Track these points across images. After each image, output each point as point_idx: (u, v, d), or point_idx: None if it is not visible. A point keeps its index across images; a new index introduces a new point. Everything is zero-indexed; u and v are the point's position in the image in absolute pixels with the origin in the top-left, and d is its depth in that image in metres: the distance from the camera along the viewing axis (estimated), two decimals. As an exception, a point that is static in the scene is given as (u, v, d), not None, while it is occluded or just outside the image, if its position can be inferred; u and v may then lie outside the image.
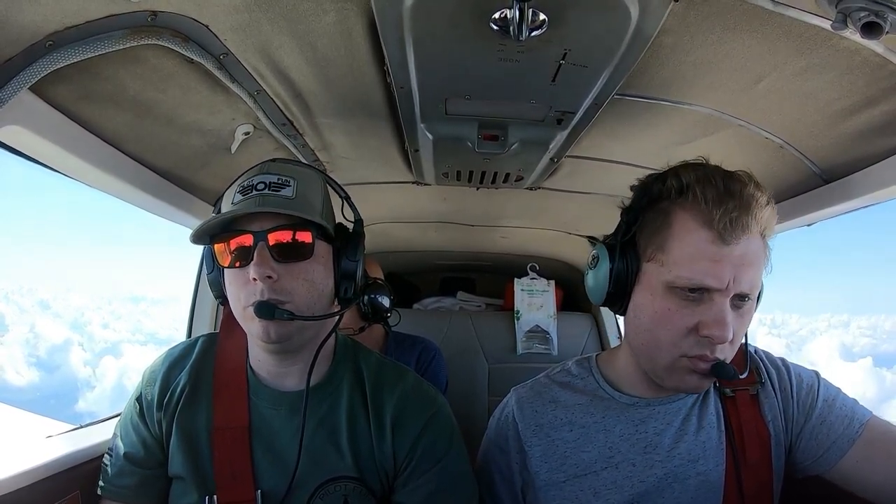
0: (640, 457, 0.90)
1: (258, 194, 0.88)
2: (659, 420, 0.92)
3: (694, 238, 0.80)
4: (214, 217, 0.89)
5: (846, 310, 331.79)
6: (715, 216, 0.78)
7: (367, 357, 1.03)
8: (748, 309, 0.82)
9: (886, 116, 0.97)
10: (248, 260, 0.86)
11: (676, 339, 0.82)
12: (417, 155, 1.42)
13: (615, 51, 0.87)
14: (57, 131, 0.95)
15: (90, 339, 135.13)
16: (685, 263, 0.80)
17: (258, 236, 0.87)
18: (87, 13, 0.78)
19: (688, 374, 0.83)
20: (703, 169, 0.84)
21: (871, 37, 0.65)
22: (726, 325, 0.78)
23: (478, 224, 2.34)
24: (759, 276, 0.81)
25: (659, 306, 0.83)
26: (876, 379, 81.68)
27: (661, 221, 0.84)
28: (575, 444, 0.92)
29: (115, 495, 0.96)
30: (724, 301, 0.79)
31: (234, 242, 0.88)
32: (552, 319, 2.58)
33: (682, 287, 0.80)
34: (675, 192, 0.83)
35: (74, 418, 21.26)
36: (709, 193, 0.79)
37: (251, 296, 0.87)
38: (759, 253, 0.81)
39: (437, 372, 1.91)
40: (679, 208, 0.82)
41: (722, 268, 0.78)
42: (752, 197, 0.79)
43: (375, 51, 0.96)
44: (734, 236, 0.78)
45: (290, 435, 0.94)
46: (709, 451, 0.91)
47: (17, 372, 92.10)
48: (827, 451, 0.89)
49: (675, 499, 0.89)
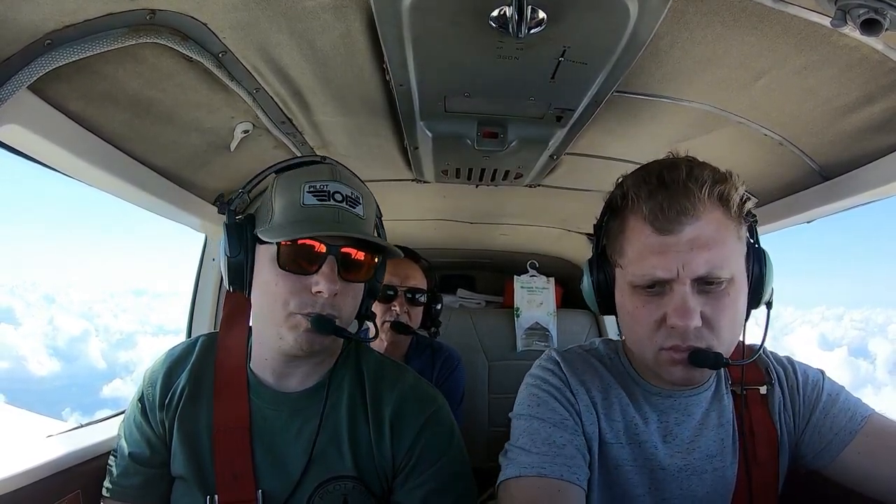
0: (661, 442, 0.91)
1: (337, 207, 0.90)
2: (680, 412, 0.93)
3: (639, 236, 0.83)
4: (295, 214, 0.88)
5: (841, 303, 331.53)
6: (650, 209, 0.81)
7: (368, 357, 1.04)
8: (724, 292, 0.81)
9: (886, 113, 0.97)
10: (314, 269, 0.87)
11: (650, 334, 0.84)
12: (417, 153, 1.42)
13: (614, 48, 0.87)
14: (56, 130, 0.95)
15: (105, 330, 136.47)
16: (636, 261, 0.83)
17: (331, 249, 0.88)
18: (85, 12, 0.78)
19: (671, 365, 0.84)
20: (644, 169, 0.86)
21: (870, 34, 0.65)
22: (688, 312, 0.78)
23: (477, 221, 2.34)
24: (724, 256, 0.80)
25: (630, 306, 0.86)
26: (851, 368, 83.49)
27: (616, 229, 0.88)
28: (606, 412, 0.93)
29: (121, 495, 0.96)
30: (682, 289, 0.79)
31: (305, 247, 0.88)
32: (552, 316, 2.59)
33: (640, 284, 0.83)
34: (621, 198, 0.87)
35: (99, 405, 21.05)
36: (642, 192, 0.82)
37: (306, 305, 0.87)
38: (718, 232, 0.80)
39: (457, 381, 1.88)
40: (629, 212, 0.85)
41: (667, 258, 0.79)
42: (690, 179, 0.80)
43: (374, 49, 0.96)
44: (673, 225, 0.79)
45: (292, 435, 0.94)
46: (725, 448, 0.92)
47: (39, 363, 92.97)
48: (829, 444, 0.90)
49: (691, 491, 0.90)
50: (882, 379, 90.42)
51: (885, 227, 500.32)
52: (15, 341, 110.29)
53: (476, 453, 1.04)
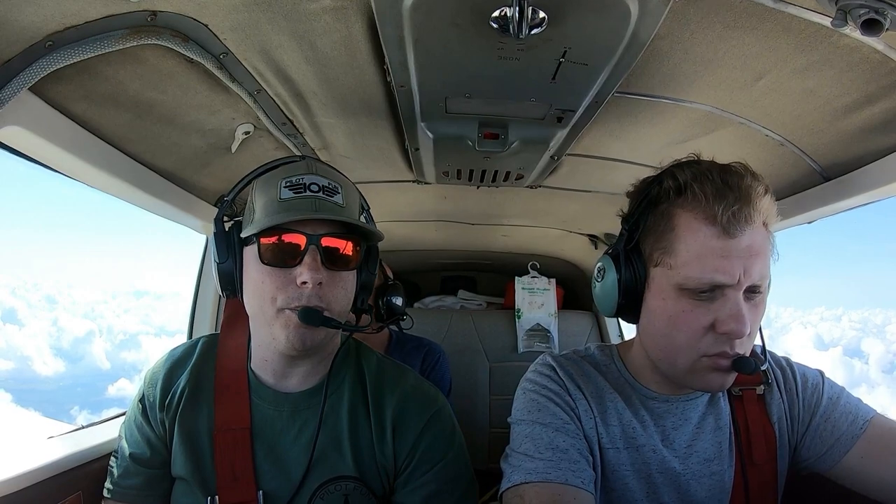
0: (658, 447, 0.90)
1: (313, 196, 0.88)
2: (677, 416, 0.92)
3: (699, 236, 0.79)
4: (273, 209, 0.87)
5: (841, 303, 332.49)
6: (717, 211, 0.77)
7: (369, 357, 1.04)
8: (760, 300, 0.81)
9: (886, 114, 0.97)
10: (296, 262, 0.86)
11: (694, 340, 0.81)
12: (418, 154, 1.42)
13: (615, 49, 0.87)
14: (57, 132, 0.95)
15: (109, 330, 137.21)
16: (694, 263, 0.79)
17: (312, 239, 0.87)
18: (86, 13, 0.78)
19: (710, 373, 0.82)
20: (698, 166, 0.83)
21: (871, 34, 0.65)
22: (743, 320, 0.77)
23: (478, 223, 2.34)
24: (767, 267, 0.81)
25: (672, 310, 0.82)
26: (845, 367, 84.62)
27: (663, 224, 0.83)
28: (602, 417, 0.91)
29: (122, 496, 0.96)
30: (738, 295, 0.78)
31: (285, 241, 0.87)
32: (553, 318, 2.59)
33: (693, 287, 0.79)
34: (674, 192, 0.83)
35: (106, 404, 21.21)
36: (708, 189, 0.79)
37: (293, 299, 0.86)
38: (764, 243, 0.80)
39: (442, 374, 1.89)
40: (680, 209, 0.82)
41: (731, 262, 0.77)
42: (751, 188, 0.79)
43: (375, 50, 0.96)
44: (738, 229, 0.77)
45: (293, 436, 0.94)
46: (723, 451, 0.92)
47: (44, 363, 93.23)
48: (831, 448, 0.89)
49: (689, 495, 0.89)
50: (875, 378, 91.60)
51: (885, 227, 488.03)
52: (20, 342, 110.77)
53: (477, 454, 1.03)
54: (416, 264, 3.05)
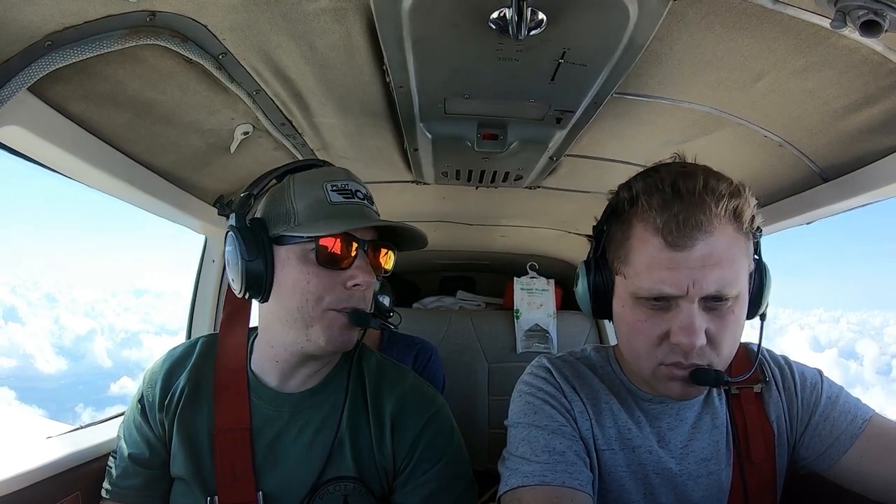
0: (655, 448, 0.90)
1: (360, 203, 0.93)
2: (672, 417, 0.92)
3: (648, 247, 0.79)
4: (324, 212, 0.89)
5: (840, 305, 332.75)
6: (659, 221, 0.77)
7: (368, 357, 1.04)
8: (730, 309, 0.79)
9: (885, 115, 0.97)
10: (348, 264, 0.89)
11: (651, 349, 0.81)
12: (417, 154, 1.42)
13: (614, 49, 0.87)
14: (56, 132, 0.95)
15: (110, 329, 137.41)
16: (644, 274, 0.79)
17: (363, 244, 0.90)
18: (85, 13, 0.78)
19: (669, 381, 0.82)
20: (655, 174, 0.81)
21: (870, 35, 0.65)
22: (694, 331, 0.76)
23: (477, 223, 2.34)
24: (734, 274, 0.77)
25: (630, 317, 0.83)
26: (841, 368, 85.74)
27: (621, 234, 0.84)
28: (597, 419, 0.91)
29: (121, 497, 0.96)
30: (691, 307, 0.76)
31: (342, 243, 0.89)
32: (552, 318, 2.59)
33: (645, 297, 0.79)
34: (628, 203, 0.82)
35: (108, 402, 21.24)
36: (654, 200, 0.78)
37: (342, 300, 0.89)
38: (730, 249, 0.77)
39: (434, 372, 1.90)
40: (635, 219, 0.81)
41: (678, 274, 0.76)
42: (708, 191, 0.76)
43: (374, 50, 0.96)
44: (686, 240, 0.75)
45: (292, 436, 0.94)
46: (720, 450, 0.91)
47: (46, 361, 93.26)
48: (830, 448, 0.89)
49: (686, 496, 0.89)
50: (869, 379, 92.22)
51: (885, 228, 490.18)
52: (22, 340, 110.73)
53: (475, 455, 1.03)
54: (415, 265, 3.05)
